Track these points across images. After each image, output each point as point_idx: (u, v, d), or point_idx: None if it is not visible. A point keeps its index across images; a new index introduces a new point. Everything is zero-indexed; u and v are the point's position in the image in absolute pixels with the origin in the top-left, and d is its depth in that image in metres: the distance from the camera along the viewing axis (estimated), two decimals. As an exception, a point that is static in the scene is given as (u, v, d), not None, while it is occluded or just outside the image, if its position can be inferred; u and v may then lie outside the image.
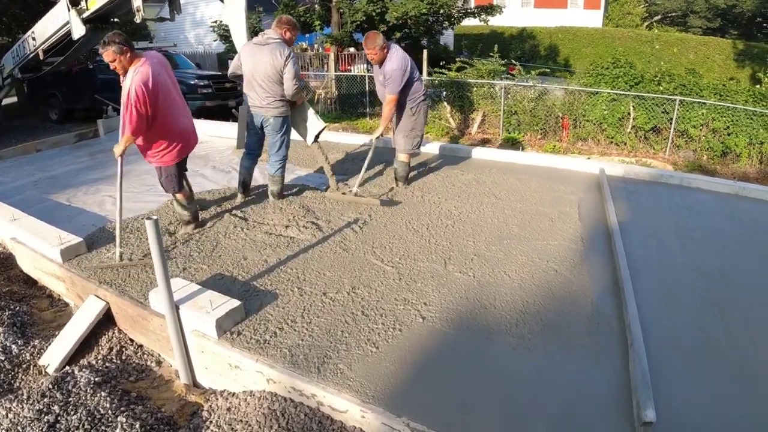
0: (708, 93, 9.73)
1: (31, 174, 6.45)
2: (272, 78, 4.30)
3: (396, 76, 4.60)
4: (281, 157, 4.64)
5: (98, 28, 7.88)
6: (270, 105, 4.39)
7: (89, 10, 7.44)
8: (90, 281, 3.45)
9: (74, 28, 7.62)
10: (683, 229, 4.21)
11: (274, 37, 4.34)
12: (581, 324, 2.85)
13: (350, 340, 2.67)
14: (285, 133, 4.59)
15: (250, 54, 4.36)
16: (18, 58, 9.46)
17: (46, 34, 8.48)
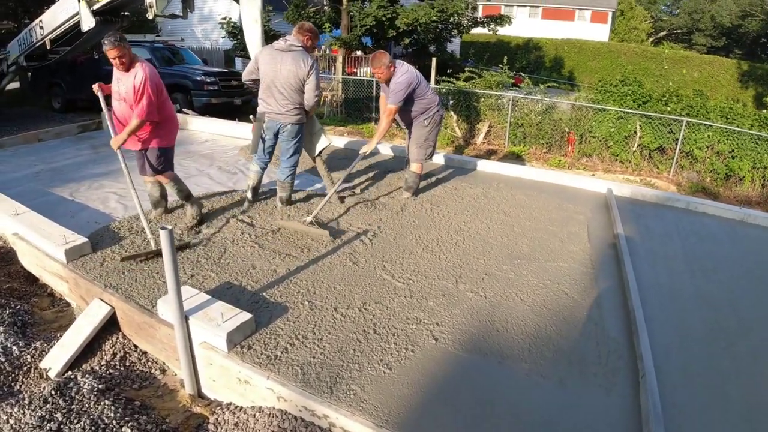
0: (715, 115, 9.77)
1: (32, 165, 6.38)
2: (294, 86, 4.28)
3: (399, 89, 4.64)
4: (293, 163, 4.63)
5: (108, 21, 7.84)
6: (289, 112, 4.37)
7: (100, 3, 7.41)
8: (95, 284, 3.40)
9: (84, 19, 7.58)
10: (692, 256, 4.20)
11: (296, 44, 4.31)
12: (592, 351, 2.83)
13: (362, 360, 2.63)
14: (299, 141, 4.58)
15: (270, 60, 4.30)
16: (24, 46, 9.41)
17: (54, 24, 8.43)
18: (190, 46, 18.12)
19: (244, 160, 6.64)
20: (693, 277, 3.83)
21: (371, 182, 5.77)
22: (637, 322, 3.01)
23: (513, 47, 30.56)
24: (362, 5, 13.44)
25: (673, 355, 2.85)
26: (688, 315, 3.29)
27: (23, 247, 4.10)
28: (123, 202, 5.01)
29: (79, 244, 3.76)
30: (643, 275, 3.74)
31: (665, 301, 3.43)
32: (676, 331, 3.09)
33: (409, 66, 4.82)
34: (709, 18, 45.31)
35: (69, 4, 7.96)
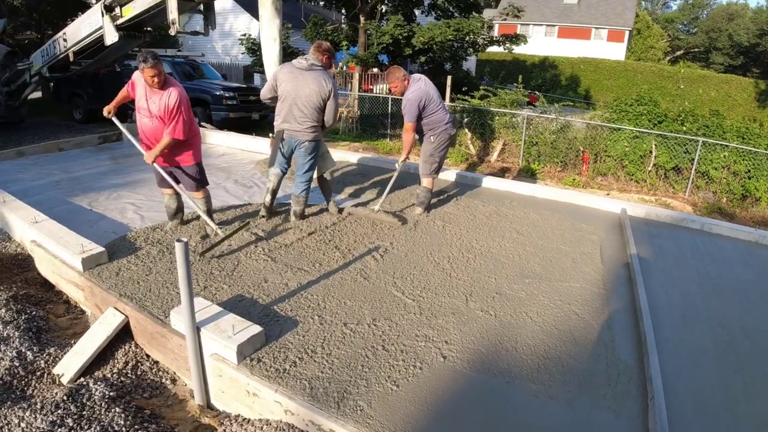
0: (731, 135, 9.68)
1: (52, 173, 6.54)
2: (315, 105, 4.38)
3: (409, 106, 4.78)
4: (308, 178, 4.71)
5: (131, 36, 8.04)
6: (307, 129, 4.45)
7: (123, 18, 7.60)
8: (110, 293, 3.46)
9: (107, 34, 7.78)
10: (705, 278, 4.16)
11: (317, 64, 4.41)
12: (602, 373, 2.80)
13: (370, 376, 2.64)
14: (314, 157, 4.66)
15: (291, 78, 4.37)
16: (47, 58, 9.66)
17: (77, 37, 8.65)
18: (211, 61, 18.48)
19: (260, 174, 6.73)
20: (706, 299, 3.78)
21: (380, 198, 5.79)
22: (647, 344, 2.99)
23: (529, 66, 30.66)
24: (379, 24, 13.63)
25: (684, 378, 2.82)
26: (700, 337, 3.26)
27: (41, 254, 4.19)
28: (140, 212, 5.10)
29: (96, 253, 3.84)
30: (656, 297, 3.71)
31: (677, 323, 3.40)
32: (687, 354, 3.06)
33: (423, 81, 4.91)
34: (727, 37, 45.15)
35: (93, 18, 8.17)
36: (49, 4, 13.56)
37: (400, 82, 4.87)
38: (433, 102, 4.91)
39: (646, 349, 2.95)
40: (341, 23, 14.35)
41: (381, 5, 14.38)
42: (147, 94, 4.00)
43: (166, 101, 3.93)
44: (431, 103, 4.89)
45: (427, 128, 5.00)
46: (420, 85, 4.85)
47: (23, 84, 10.64)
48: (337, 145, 11.16)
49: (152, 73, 3.81)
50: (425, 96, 4.82)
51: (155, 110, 3.99)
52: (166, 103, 3.93)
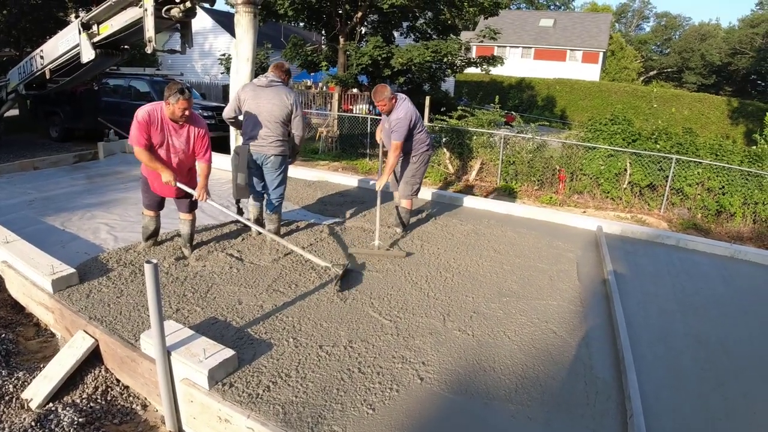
0: (704, 152, 9.92)
1: (26, 192, 6.40)
2: (278, 119, 4.44)
3: (402, 125, 4.76)
4: (278, 194, 4.71)
5: (108, 54, 7.95)
6: (271, 144, 4.49)
7: (100, 35, 7.53)
8: (80, 316, 3.36)
9: (84, 51, 7.70)
10: (682, 295, 4.21)
11: (276, 80, 4.50)
12: (580, 392, 2.80)
13: (345, 400, 2.59)
14: (283, 172, 4.68)
15: (253, 96, 4.46)
16: (24, 75, 9.51)
17: (54, 54, 8.53)
18: (190, 80, 18.43)
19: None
20: (684, 316, 3.82)
21: (362, 216, 5.78)
22: (625, 361, 2.99)
23: (506, 87, 31.24)
24: (358, 45, 13.76)
25: (662, 396, 2.82)
26: (678, 354, 3.28)
27: (11, 275, 4.07)
28: (114, 233, 4.99)
29: (66, 274, 3.74)
30: (633, 314, 3.73)
31: (655, 341, 3.42)
32: (666, 371, 3.07)
33: (407, 101, 4.93)
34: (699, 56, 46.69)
35: (70, 35, 8.08)
36: (28, 22, 13.39)
37: (387, 100, 4.84)
38: (419, 122, 4.94)
39: (624, 367, 2.96)
40: (321, 44, 14.46)
41: (360, 27, 14.55)
42: (168, 130, 3.89)
43: (195, 133, 3.96)
44: (418, 122, 4.92)
45: (410, 149, 5.01)
46: (408, 105, 4.87)
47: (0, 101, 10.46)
48: (317, 165, 11.15)
49: (185, 106, 3.74)
50: (414, 115, 4.84)
51: (180, 146, 3.96)
52: (197, 136, 3.97)
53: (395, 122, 4.77)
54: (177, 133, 3.93)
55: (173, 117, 3.82)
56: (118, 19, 7.22)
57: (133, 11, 6.94)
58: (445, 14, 14.68)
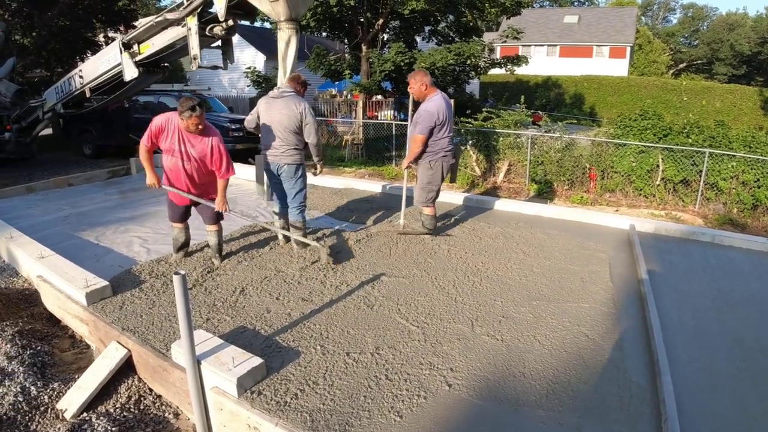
0: (737, 145, 9.58)
1: (61, 208, 6.61)
2: (288, 128, 4.52)
3: (425, 117, 4.71)
4: (299, 202, 4.78)
5: (150, 72, 8.24)
6: (284, 153, 4.59)
7: (142, 54, 7.79)
8: (113, 327, 3.45)
9: (127, 70, 7.97)
10: (718, 293, 4.05)
11: (288, 90, 4.61)
12: (614, 396, 2.71)
13: (373, 407, 2.57)
14: (300, 180, 4.75)
15: (266, 107, 4.61)
16: (62, 94, 9.85)
17: (95, 74, 8.83)
18: (217, 94, 18.79)
19: (265, 204, 6.75)
20: (719, 315, 3.68)
21: (389, 222, 5.77)
22: (660, 364, 2.89)
23: (532, 86, 30.83)
24: (381, 52, 13.80)
25: (698, 398, 2.72)
26: (713, 354, 3.16)
27: (47, 289, 4.20)
28: (146, 246, 5.11)
29: (100, 287, 3.84)
30: (667, 314, 3.61)
31: (690, 341, 3.30)
32: (701, 372, 2.97)
33: (443, 99, 4.82)
34: (729, 47, 45.30)
35: (111, 55, 8.37)
36: (58, 43, 13.87)
37: (417, 84, 4.79)
38: (445, 125, 4.82)
39: (659, 369, 2.86)
40: (344, 53, 14.56)
41: (382, 34, 14.60)
42: (183, 137, 4.05)
43: (210, 144, 4.08)
44: (444, 126, 4.80)
45: (428, 151, 4.90)
46: (441, 102, 4.76)
47: (35, 120, 10.87)
48: (343, 173, 11.21)
49: (197, 122, 3.92)
50: (442, 113, 4.73)
51: (195, 154, 4.10)
52: (211, 146, 4.07)
53: (421, 113, 4.74)
54: (192, 143, 4.07)
55: (188, 130, 4.00)
56: (160, 38, 7.47)
57: (174, 31, 7.18)
58: (467, 16, 14.59)
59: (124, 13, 15.41)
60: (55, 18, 13.14)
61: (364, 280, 4.13)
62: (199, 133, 4.04)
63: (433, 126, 4.73)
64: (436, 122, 4.71)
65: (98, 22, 14.95)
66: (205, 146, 4.08)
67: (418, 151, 4.84)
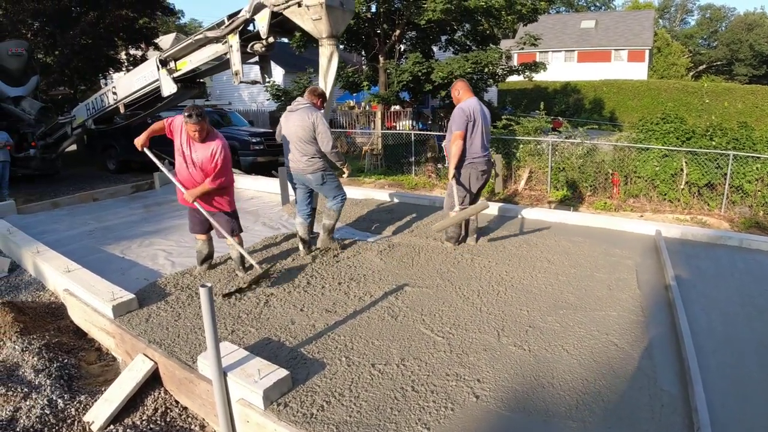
0: (762, 146, 9.38)
1: (86, 223, 6.72)
2: (303, 138, 4.64)
3: (456, 114, 4.77)
4: (338, 201, 4.94)
5: (187, 87, 8.46)
6: (305, 164, 4.71)
7: (179, 71, 8.02)
8: (140, 340, 3.48)
9: (164, 86, 8.21)
10: (747, 298, 3.93)
11: (303, 102, 4.76)
12: (644, 406, 2.64)
13: (400, 419, 2.54)
14: (329, 185, 4.86)
15: (285, 120, 4.79)
16: (94, 111, 10.12)
17: (130, 90, 9.11)
18: (238, 108, 19.07)
19: (287, 216, 6.79)
20: (748, 320, 3.57)
21: (410, 232, 5.76)
22: (691, 372, 2.81)
23: (551, 92, 30.66)
24: (398, 62, 13.87)
25: (730, 406, 2.64)
26: (744, 361, 3.06)
27: (73, 303, 4.27)
28: (171, 258, 5.18)
29: (126, 300, 3.89)
30: (696, 321, 3.52)
31: (721, 348, 3.20)
32: (732, 380, 2.88)
33: (477, 101, 4.87)
34: (748, 47, 44.52)
35: (147, 71, 8.61)
36: (80, 61, 14.19)
37: (453, 92, 4.97)
38: (477, 126, 4.79)
39: (690, 378, 2.78)
40: (362, 64, 14.67)
41: (399, 45, 14.68)
42: (189, 142, 4.13)
43: (211, 154, 4.09)
44: (476, 126, 4.78)
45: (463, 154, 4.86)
46: (474, 102, 4.83)
47: (62, 136, 11.15)
48: (363, 183, 11.25)
49: (195, 128, 3.97)
50: (474, 111, 4.75)
51: (197, 160, 4.13)
52: (212, 153, 4.08)
53: (453, 114, 4.80)
54: (195, 147, 4.12)
55: (190, 137, 4.08)
56: (198, 55, 7.67)
57: (212, 48, 7.37)
58: (483, 25, 14.60)
59: (144, 31, 15.74)
60: (78, 37, 13.47)
61: (387, 291, 4.11)
62: (202, 141, 4.08)
63: (467, 122, 4.73)
64: (468, 118, 4.73)
65: (120, 40, 15.28)
66: (207, 153, 4.10)
67: (459, 151, 4.78)
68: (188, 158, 4.15)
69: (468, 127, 4.76)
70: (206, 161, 4.11)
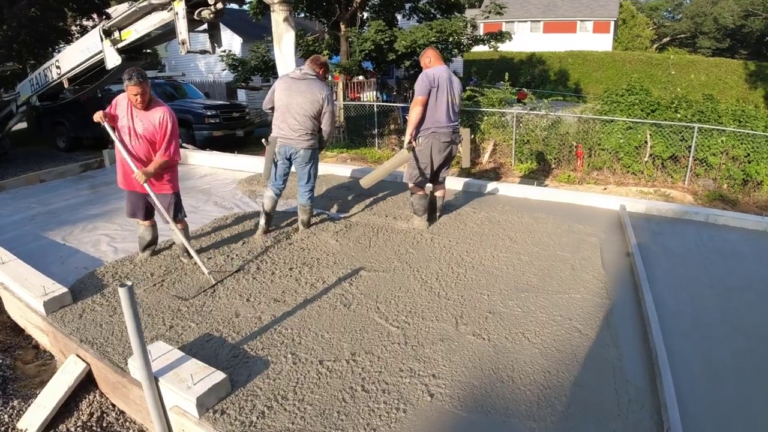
0: (727, 119, 9.43)
1: (30, 207, 6.28)
2: (308, 112, 4.40)
3: (418, 80, 4.54)
4: (310, 188, 4.71)
5: (132, 59, 7.93)
6: (300, 137, 4.45)
7: (124, 41, 7.57)
8: (71, 339, 3.18)
9: (108, 58, 7.73)
10: (715, 277, 3.86)
11: (311, 73, 4.48)
12: (610, 401, 2.50)
13: (347, 425, 2.33)
14: (313, 166, 4.66)
15: (286, 87, 4.44)
16: (38, 86, 9.52)
17: (73, 63, 8.56)
18: (194, 80, 18.25)
19: (241, 194, 6.46)
20: (717, 301, 3.49)
21: (369, 210, 5.51)
22: (659, 362, 2.69)
23: (516, 63, 30.47)
24: (360, 30, 13.37)
25: (700, 395, 2.54)
26: (715, 347, 2.97)
27: (8, 297, 3.94)
28: (114, 244, 4.83)
29: (58, 295, 3.56)
30: (664, 303, 3.41)
31: (689, 332, 3.11)
32: (702, 366, 2.79)
33: (445, 69, 4.63)
34: (712, 20, 45.19)
35: (90, 42, 8.05)
36: (28, 34, 13.29)
37: (422, 59, 4.76)
38: (442, 94, 4.50)
39: (658, 368, 2.65)
40: (323, 32, 14.09)
41: (361, 12, 14.14)
42: (131, 112, 3.77)
43: (159, 121, 3.77)
44: (440, 93, 4.49)
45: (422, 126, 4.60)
46: (440, 69, 4.58)
47: (8, 115, 10.45)
48: (324, 157, 10.89)
49: (136, 91, 3.62)
50: (439, 78, 4.48)
51: (141, 130, 3.78)
52: (159, 123, 3.77)
53: (418, 79, 4.57)
54: (138, 117, 3.78)
55: (131, 103, 3.74)
56: (142, 24, 7.20)
57: (157, 16, 6.91)
58: (449, -9, 14.20)
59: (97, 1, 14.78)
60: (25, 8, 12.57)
61: (341, 276, 3.87)
62: (146, 108, 3.75)
63: (429, 87, 4.45)
64: (432, 84, 4.45)
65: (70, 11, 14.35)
66: (152, 122, 3.78)
67: (417, 117, 4.50)
68: (131, 130, 3.78)
69: (432, 93, 4.49)
70: (152, 131, 3.77)
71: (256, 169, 7.64)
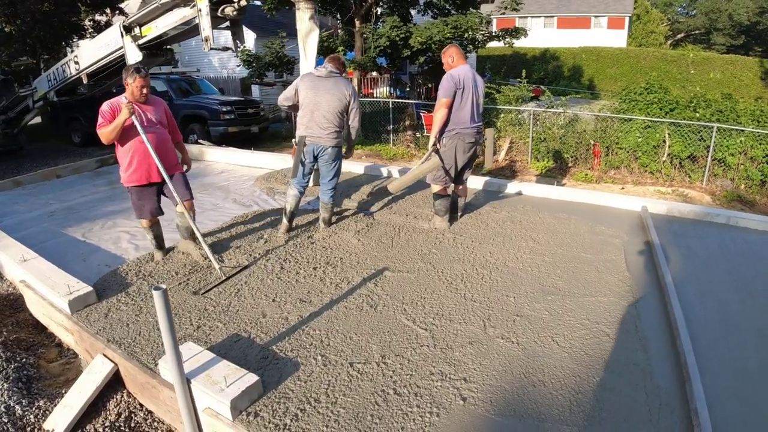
0: (746, 119, 9.30)
1: (48, 203, 6.33)
2: (336, 110, 4.44)
3: (443, 81, 4.50)
4: (333, 185, 4.74)
5: (153, 55, 8.00)
6: (329, 135, 4.48)
7: (144, 38, 7.60)
8: (98, 339, 3.20)
9: (130, 53, 7.78)
10: (740, 281, 3.81)
11: (335, 71, 4.53)
12: (641, 405, 2.48)
13: (381, 428, 2.33)
14: (338, 163, 4.70)
15: (311, 85, 4.46)
16: (56, 82, 9.57)
17: (93, 59, 8.63)
18: (208, 75, 18.28)
19: (259, 191, 6.47)
20: (743, 307, 3.44)
21: (389, 209, 5.49)
22: (688, 367, 2.66)
23: (530, 59, 30.24)
24: (375, 27, 13.32)
25: (730, 401, 2.51)
26: (742, 353, 2.93)
27: (31, 296, 3.95)
28: (134, 242, 4.86)
29: (83, 293, 3.57)
30: (690, 307, 3.38)
31: (717, 337, 3.07)
32: (731, 371, 2.75)
33: (469, 69, 4.58)
34: (727, 17, 44.51)
35: (110, 38, 8.09)
36: (42, 29, 13.35)
37: (444, 58, 4.69)
38: (467, 95, 4.47)
39: (687, 374, 2.62)
40: (337, 28, 14.06)
41: (376, 8, 14.08)
42: (137, 110, 3.84)
43: (161, 108, 4.05)
44: (465, 94, 4.46)
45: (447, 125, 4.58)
46: (465, 69, 4.53)
47: (24, 110, 10.53)
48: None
49: (143, 84, 3.81)
50: (464, 79, 4.44)
51: (155, 118, 3.96)
52: (162, 110, 4.04)
53: (442, 80, 4.52)
54: (146, 109, 3.93)
55: (134, 97, 3.85)
56: (164, 20, 7.23)
57: (179, 12, 6.94)
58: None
59: (110, -4, 14.81)
60: (38, 3, 12.62)
61: (365, 276, 3.87)
62: (145, 101, 3.91)
63: (455, 89, 4.42)
64: (458, 86, 4.42)
65: (82, 5, 14.39)
66: (160, 109, 4.04)
67: (443, 119, 4.49)
68: (148, 120, 3.89)
69: (456, 95, 4.46)
70: (163, 116, 4.04)
71: (272, 166, 7.65)
